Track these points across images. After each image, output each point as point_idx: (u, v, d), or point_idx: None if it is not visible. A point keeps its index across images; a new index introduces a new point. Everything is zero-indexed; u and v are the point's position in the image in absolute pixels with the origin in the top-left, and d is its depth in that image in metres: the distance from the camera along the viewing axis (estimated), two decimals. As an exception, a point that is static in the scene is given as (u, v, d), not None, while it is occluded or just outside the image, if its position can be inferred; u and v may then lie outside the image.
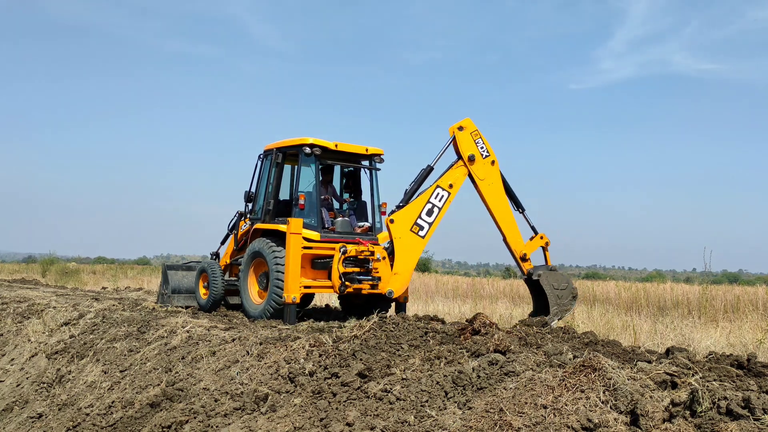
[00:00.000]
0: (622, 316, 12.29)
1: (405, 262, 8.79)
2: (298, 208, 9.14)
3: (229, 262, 10.65)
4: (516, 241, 9.08)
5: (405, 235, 8.72)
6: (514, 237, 9.07)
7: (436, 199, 8.77)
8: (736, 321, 11.51)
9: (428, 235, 8.79)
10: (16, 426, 7.92)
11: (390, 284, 8.79)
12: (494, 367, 4.55)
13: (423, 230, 8.74)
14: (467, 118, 8.99)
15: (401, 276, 8.81)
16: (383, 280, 8.79)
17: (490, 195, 8.96)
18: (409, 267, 8.89)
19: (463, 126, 8.94)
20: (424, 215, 8.72)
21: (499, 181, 9.01)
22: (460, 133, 8.91)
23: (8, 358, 10.11)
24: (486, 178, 8.94)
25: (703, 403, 3.47)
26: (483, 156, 8.91)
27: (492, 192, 8.97)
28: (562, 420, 3.64)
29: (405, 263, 8.79)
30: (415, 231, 8.72)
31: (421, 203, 8.74)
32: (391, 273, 8.77)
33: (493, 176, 8.97)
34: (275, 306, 8.84)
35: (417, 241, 8.76)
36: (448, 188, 8.83)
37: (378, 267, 8.82)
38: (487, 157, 8.94)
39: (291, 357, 5.91)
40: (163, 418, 5.88)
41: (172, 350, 7.44)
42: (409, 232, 8.72)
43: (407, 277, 8.94)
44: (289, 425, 4.73)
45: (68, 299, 12.91)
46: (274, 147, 9.80)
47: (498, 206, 9.00)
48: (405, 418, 4.27)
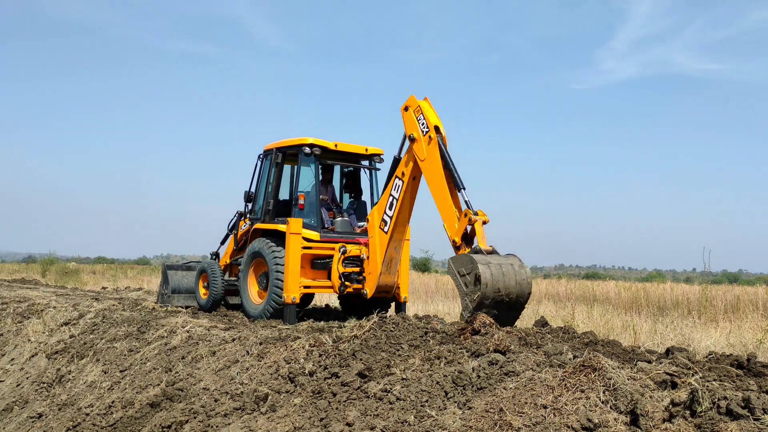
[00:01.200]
0: (622, 316, 12.29)
1: (375, 260, 8.53)
2: (297, 208, 9.14)
3: (229, 262, 10.65)
4: (450, 225, 7.33)
5: (375, 233, 8.47)
6: (448, 221, 7.33)
7: (394, 191, 8.18)
8: (736, 321, 11.51)
9: (390, 229, 8.21)
10: (16, 426, 7.92)
11: (365, 285, 8.69)
12: (494, 367, 4.55)
13: (386, 225, 8.27)
14: (411, 95, 8.03)
15: (373, 275, 8.55)
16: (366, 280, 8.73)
17: (427, 175, 7.67)
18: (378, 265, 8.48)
19: (408, 105, 8.00)
20: (387, 209, 8.28)
21: (436, 158, 7.54)
22: (405, 114, 8.00)
23: (8, 358, 10.11)
24: (426, 158, 7.66)
25: (703, 403, 3.47)
26: (423, 133, 7.71)
27: (429, 171, 7.64)
28: (562, 420, 3.64)
29: (375, 262, 8.53)
30: (382, 227, 8.36)
31: (386, 197, 8.30)
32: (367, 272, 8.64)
33: (432, 154, 7.60)
34: (275, 306, 8.84)
35: (383, 238, 8.36)
36: (401, 177, 8.12)
37: (365, 267, 8.77)
38: (427, 133, 7.68)
39: (291, 357, 5.91)
40: (163, 418, 5.88)
41: (172, 350, 7.44)
42: (378, 229, 8.43)
43: (376, 276, 8.51)
44: (289, 425, 4.73)
45: (68, 299, 12.91)
46: (274, 147, 9.81)
47: (434, 186, 7.55)
48: (405, 418, 4.27)
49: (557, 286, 17.56)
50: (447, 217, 7.33)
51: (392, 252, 8.50)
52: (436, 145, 7.56)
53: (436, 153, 7.56)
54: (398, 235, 8.35)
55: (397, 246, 8.52)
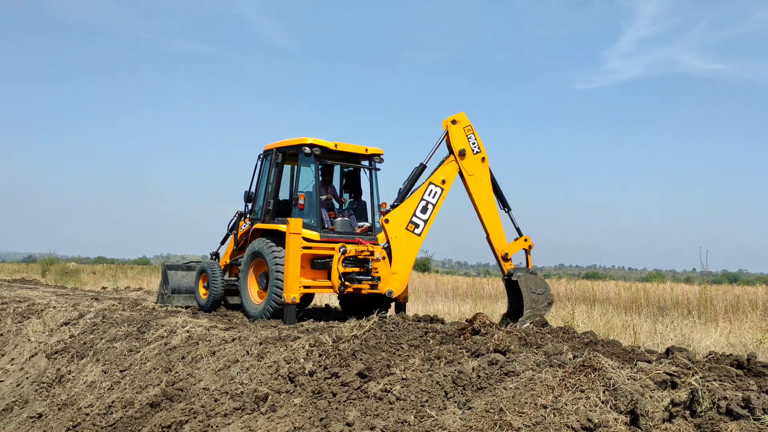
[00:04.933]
0: (622, 316, 12.28)
1: (403, 261, 8.80)
2: (297, 208, 9.14)
3: (228, 262, 10.65)
4: (499, 240, 8.95)
5: (401, 234, 8.74)
6: (498, 236, 8.94)
7: (429, 196, 8.76)
8: (736, 321, 11.51)
9: (424, 232, 8.79)
10: (16, 426, 7.92)
11: (389, 284, 8.79)
12: (494, 367, 4.55)
13: (419, 228, 8.76)
14: (461, 112, 8.90)
15: (400, 275, 8.82)
16: (383, 280, 8.79)
17: (478, 192, 8.87)
18: (407, 266, 8.90)
19: (457, 120, 8.87)
20: (418, 213, 8.74)
21: (487, 178, 8.90)
22: (453, 127, 8.85)
23: (8, 358, 10.11)
24: (475, 174, 8.85)
25: (703, 403, 3.47)
26: (474, 152, 8.83)
27: (479, 189, 8.87)
28: (562, 420, 3.64)
29: (403, 262, 8.81)
30: (410, 229, 8.74)
31: (415, 201, 8.74)
32: (390, 273, 8.77)
33: (482, 173, 8.87)
34: (275, 306, 8.84)
35: (413, 240, 8.77)
36: (440, 184, 8.81)
37: (377, 267, 8.82)
38: (478, 153, 8.85)
39: (291, 357, 5.91)
40: (163, 418, 5.88)
41: (172, 350, 7.44)
42: (405, 231, 8.74)
43: (406, 276, 8.94)
44: (289, 425, 4.73)
45: (68, 299, 12.91)
46: (274, 147, 9.81)
47: (484, 203, 8.89)
48: (405, 418, 4.27)
49: (557, 286, 17.54)
50: (495, 231, 8.94)
51: None
52: (488, 166, 8.91)
53: (487, 173, 8.90)
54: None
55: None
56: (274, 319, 8.86)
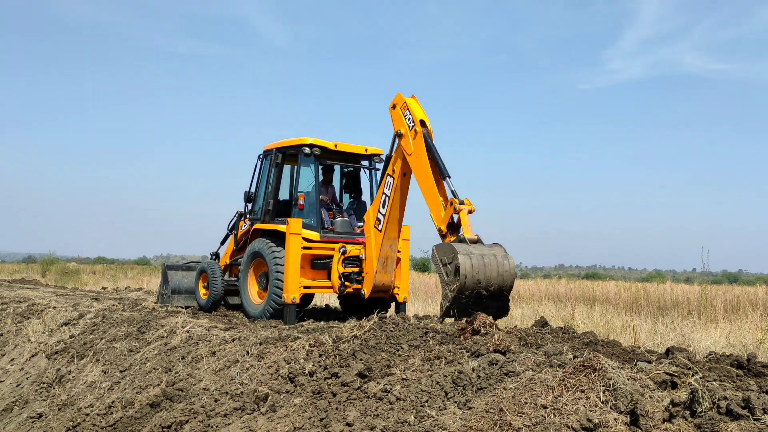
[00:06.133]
0: (622, 316, 12.28)
1: (370, 260, 8.52)
2: (297, 208, 9.14)
3: (228, 262, 10.65)
4: (436, 214, 7.30)
5: (371, 233, 8.45)
6: (435, 210, 7.30)
7: (387, 189, 8.18)
8: (736, 321, 11.50)
9: (384, 227, 8.18)
10: (16, 426, 7.92)
11: (363, 285, 8.70)
12: (494, 367, 4.55)
13: (380, 223, 8.25)
14: (398, 93, 8.07)
15: (369, 275, 8.56)
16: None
17: (414, 167, 7.64)
18: (374, 265, 8.48)
19: (395, 103, 8.05)
20: (381, 208, 8.29)
21: (422, 150, 7.51)
22: (392, 112, 8.06)
23: (8, 358, 10.11)
24: (413, 152, 7.66)
25: (703, 403, 3.47)
26: (410, 128, 7.71)
27: (416, 165, 7.60)
28: (562, 420, 3.64)
29: (370, 262, 8.52)
30: (376, 226, 8.35)
31: (379, 196, 8.35)
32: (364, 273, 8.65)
33: (418, 147, 7.59)
34: (275, 306, 8.84)
35: (378, 236, 8.32)
36: (392, 174, 8.13)
37: (363, 267, 8.77)
38: (413, 128, 7.65)
39: (291, 357, 5.91)
40: (163, 418, 5.88)
41: (172, 350, 7.44)
42: (373, 229, 8.42)
43: (372, 275, 8.52)
44: (289, 425, 4.73)
45: (68, 299, 12.91)
46: (274, 147, 9.81)
47: (420, 177, 7.55)
48: (405, 418, 4.27)
49: (557, 286, 17.55)
50: (433, 205, 7.27)
51: (387, 250, 8.43)
52: (422, 138, 7.52)
53: (421, 145, 7.53)
54: (392, 233, 8.31)
55: (392, 244, 8.45)
56: (274, 319, 8.87)
